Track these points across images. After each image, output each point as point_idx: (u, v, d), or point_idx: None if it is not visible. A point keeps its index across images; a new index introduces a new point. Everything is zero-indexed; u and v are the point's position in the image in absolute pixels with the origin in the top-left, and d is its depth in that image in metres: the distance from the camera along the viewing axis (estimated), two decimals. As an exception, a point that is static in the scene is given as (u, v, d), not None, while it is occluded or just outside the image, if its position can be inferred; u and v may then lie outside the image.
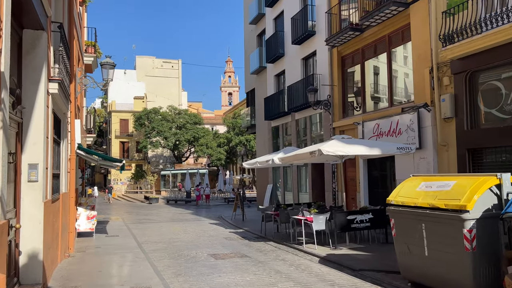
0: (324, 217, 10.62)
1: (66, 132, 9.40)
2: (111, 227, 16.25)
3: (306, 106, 19.11)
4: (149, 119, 53.59)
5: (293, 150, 13.66)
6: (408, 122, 12.70)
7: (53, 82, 6.75)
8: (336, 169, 16.95)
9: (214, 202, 36.50)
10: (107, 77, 13.07)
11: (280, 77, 23.53)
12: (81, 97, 15.97)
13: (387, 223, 11.02)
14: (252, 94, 27.88)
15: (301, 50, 20.27)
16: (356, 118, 15.54)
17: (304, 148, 10.68)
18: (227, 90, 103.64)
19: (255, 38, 26.92)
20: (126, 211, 27.20)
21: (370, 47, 15.31)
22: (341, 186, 16.74)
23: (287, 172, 22.33)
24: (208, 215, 22.71)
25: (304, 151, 10.09)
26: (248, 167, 14.66)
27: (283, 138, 22.75)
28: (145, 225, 17.59)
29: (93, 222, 12.66)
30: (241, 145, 50.08)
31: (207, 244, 11.90)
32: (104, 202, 38.12)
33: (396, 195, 7.18)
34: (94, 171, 78.60)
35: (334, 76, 17.22)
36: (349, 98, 16.91)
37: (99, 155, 11.03)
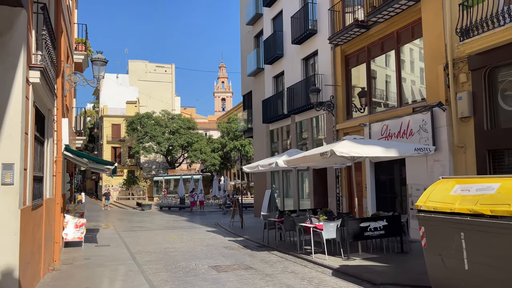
0: (335, 225, 9.75)
1: (51, 131, 8.47)
2: (102, 236, 15.23)
3: (307, 108, 18.32)
4: (142, 123, 52.50)
5: (297, 153, 12.82)
6: (420, 123, 11.93)
7: (34, 70, 5.84)
8: (340, 173, 16.13)
9: (209, 208, 35.50)
10: (98, 74, 12.16)
11: (279, 79, 22.74)
12: (70, 97, 15.01)
13: (401, 230, 10.21)
14: (248, 97, 27.05)
15: (301, 50, 19.50)
16: (362, 119, 14.75)
17: (314, 149, 9.84)
18: (220, 95, 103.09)
19: (252, 39, 26.14)
20: (117, 218, 26.11)
21: (377, 45, 14.56)
22: (346, 191, 15.97)
23: (287, 177, 21.47)
24: (204, 222, 21.74)
25: (313, 152, 9.25)
26: (248, 171, 13.78)
27: (282, 141, 21.91)
28: (138, 233, 16.59)
29: (82, 231, 11.67)
30: (235, 150, 49.15)
31: (207, 254, 10.96)
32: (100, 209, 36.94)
33: (426, 199, 6.34)
34: (85, 177, 77.18)
35: (337, 76, 16.44)
36: (353, 98, 16.13)
37: (89, 157, 10.10)
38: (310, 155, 9.32)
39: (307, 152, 9.74)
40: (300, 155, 10.02)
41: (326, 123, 17.21)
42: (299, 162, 9.89)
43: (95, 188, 65.18)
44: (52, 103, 8.01)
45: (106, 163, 10.54)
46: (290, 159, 10.44)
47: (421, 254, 10.03)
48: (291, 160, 10.35)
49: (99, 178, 59.08)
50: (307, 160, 9.53)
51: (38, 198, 7.15)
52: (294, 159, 10.12)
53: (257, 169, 12.99)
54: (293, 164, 10.50)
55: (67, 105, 13.75)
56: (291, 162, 10.35)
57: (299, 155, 9.96)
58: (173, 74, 67.01)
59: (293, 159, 10.22)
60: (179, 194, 39.48)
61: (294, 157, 10.36)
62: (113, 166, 10.23)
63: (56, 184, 8.99)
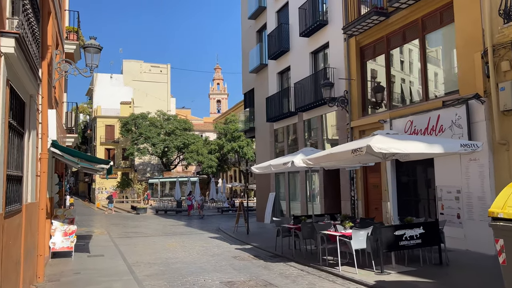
0: (365, 233, 8.44)
1: (34, 122, 7.09)
2: (95, 244, 13.80)
3: (317, 105, 17.05)
4: (137, 124, 50.97)
5: (312, 152, 11.51)
6: (453, 117, 10.67)
7: (7, 37, 4.49)
8: (355, 174, 14.84)
9: (207, 212, 34.05)
10: (92, 62, 10.78)
11: (284, 75, 21.45)
12: (60, 90, 13.61)
13: (439, 239, 8.92)
14: (250, 95, 25.72)
15: (310, 43, 18.23)
16: (381, 115, 13.48)
17: (341, 146, 8.53)
18: (215, 97, 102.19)
19: (254, 34, 24.85)
20: (112, 223, 24.62)
21: (398, 34, 13.31)
22: (362, 194, 14.69)
23: (293, 179, 20.15)
24: (204, 227, 20.35)
25: (342, 149, 7.94)
26: (258, 172, 12.44)
27: (288, 141, 20.59)
28: (134, 240, 15.17)
29: (72, 239, 10.26)
30: (233, 152, 47.76)
31: (215, 266, 9.60)
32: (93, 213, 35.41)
33: (503, 205, 5.04)
34: (78, 179, 75.34)
35: (351, 69, 15.18)
36: (370, 93, 14.87)
37: (80, 154, 8.72)
38: (338, 152, 8.00)
39: (334, 149, 8.42)
40: (324, 152, 8.70)
41: (339, 121, 15.93)
42: (323, 161, 8.58)
43: (88, 191, 63.44)
44: (34, 88, 6.64)
45: (99, 162, 9.15)
46: (312, 157, 9.11)
47: (463, 266, 8.77)
48: (314, 159, 9.03)
49: (92, 181, 57.42)
50: (334, 158, 8.23)
51: (15, 203, 5.76)
52: (317, 157, 8.80)
53: (268, 169, 11.66)
54: (316, 163, 9.18)
55: (57, 98, 12.36)
56: (314, 161, 9.03)
57: (324, 153, 8.64)
58: (168, 75, 65.59)
59: (315, 157, 8.90)
60: (175, 197, 38.06)
61: (316, 155, 9.03)
62: (108, 165, 8.86)
63: (40, 186, 7.61)
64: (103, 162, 9.04)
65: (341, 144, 8.86)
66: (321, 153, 8.84)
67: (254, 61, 23.97)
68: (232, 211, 33.39)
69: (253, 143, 47.72)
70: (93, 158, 9.50)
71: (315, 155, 9.23)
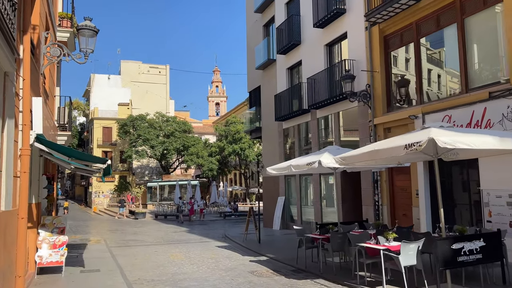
0: (416, 247, 6.98)
1: (12, 109, 5.62)
2: (90, 254, 12.28)
3: (333, 101, 15.64)
4: (135, 126, 49.41)
5: (338, 150, 10.07)
6: (504, 110, 9.26)
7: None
8: (379, 176, 13.40)
9: (208, 216, 32.58)
10: (86, 47, 9.34)
11: (294, 70, 20.04)
12: (52, 82, 12.13)
13: (502, 253, 7.46)
14: (256, 93, 24.28)
15: (324, 35, 16.82)
16: (411, 110, 12.04)
17: (389, 141, 7.06)
18: (214, 100, 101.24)
19: (261, 29, 23.44)
20: (109, 229, 23.08)
21: (430, 19, 11.89)
22: (387, 199, 13.24)
23: (306, 182, 18.70)
24: (209, 234, 18.83)
25: (391, 144, 6.48)
26: (274, 173, 10.95)
27: (299, 141, 19.13)
28: (134, 250, 13.65)
29: (62, 252, 8.75)
30: (234, 155, 46.29)
31: (231, 285, 8.12)
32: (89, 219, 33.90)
33: None
34: (74, 183, 73.65)
35: (374, 60, 13.76)
36: (395, 86, 13.45)
37: (71, 152, 7.23)
38: (386, 148, 6.54)
39: (379, 145, 6.94)
40: (364, 149, 7.22)
41: (359, 118, 14.50)
42: (364, 159, 7.13)
43: (84, 194, 61.77)
44: (10, 64, 5.17)
45: (95, 160, 7.63)
46: (348, 155, 7.65)
47: None
48: (350, 157, 7.56)
49: (88, 184, 55.80)
50: (379, 155, 6.78)
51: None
52: (356, 155, 7.34)
53: (288, 170, 10.18)
54: (352, 162, 7.72)
55: (46, 89, 10.89)
56: (350, 160, 7.56)
57: (364, 150, 7.17)
58: (167, 75, 64.17)
59: (353, 155, 7.44)
60: (175, 201, 36.52)
61: (354, 153, 7.56)
62: (105, 164, 7.36)
63: (20, 190, 6.13)
64: (99, 161, 7.55)
65: (383, 140, 7.43)
66: (361, 150, 7.37)
67: (260, 56, 22.56)
68: (235, 216, 31.90)
69: (255, 145, 46.39)
70: (88, 157, 8.00)
71: (351, 153, 7.77)
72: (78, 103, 22.50)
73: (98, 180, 51.83)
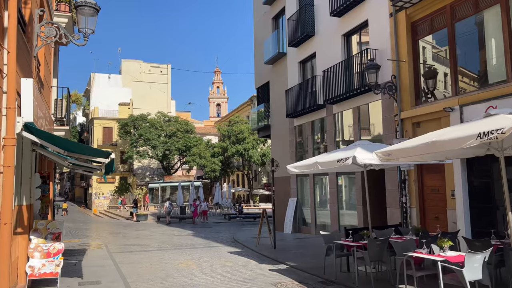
0: (482, 258, 5.79)
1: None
2: (90, 262, 11.10)
3: (352, 95, 14.49)
4: (136, 126, 48.22)
5: (370, 145, 8.90)
6: None
7: None
8: (407, 176, 12.21)
9: (212, 219, 31.41)
10: (86, 27, 8.16)
11: (307, 64, 18.88)
12: (48, 70, 10.95)
13: None
14: (264, 89, 23.11)
15: (342, 24, 15.67)
16: (446, 102, 10.85)
17: (449, 129, 5.86)
18: (215, 101, 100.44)
19: (270, 22, 22.30)
20: (110, 232, 21.88)
21: (467, 2, 10.73)
22: (416, 200, 12.05)
23: (320, 182, 17.51)
24: (217, 238, 17.63)
25: (460, 133, 5.29)
26: (296, 171, 9.77)
27: (313, 138, 17.95)
28: (138, 257, 12.45)
29: (58, 262, 7.57)
30: (238, 155, 45.06)
31: (254, 301, 6.93)
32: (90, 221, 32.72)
33: None
34: (74, 184, 72.36)
35: (400, 49, 12.60)
36: (424, 77, 12.28)
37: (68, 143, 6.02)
38: (450, 139, 5.36)
39: (435, 135, 5.74)
40: (417, 141, 6.02)
41: (383, 112, 13.33)
42: (417, 153, 5.94)
43: (84, 196, 60.53)
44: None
45: (96, 154, 6.37)
46: (395, 149, 6.47)
47: None
48: (397, 152, 6.37)
49: (88, 185, 54.58)
50: (437, 148, 5.60)
51: None
52: (407, 148, 6.13)
53: (313, 168, 9.00)
54: (401, 157, 6.53)
55: (41, 77, 9.72)
56: (397, 154, 6.37)
57: (417, 142, 5.96)
58: (169, 75, 63.01)
59: (403, 149, 6.24)
60: (177, 203, 35.35)
61: (403, 145, 6.36)
62: (108, 158, 6.16)
63: (3, 189, 4.97)
64: (101, 155, 6.32)
65: (440, 130, 6.26)
66: (413, 142, 6.16)
67: (269, 50, 21.42)
68: (240, 218, 30.73)
69: (258, 145, 45.17)
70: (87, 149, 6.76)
71: (398, 146, 6.57)
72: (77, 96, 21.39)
73: (98, 181, 50.72)
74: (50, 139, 5.98)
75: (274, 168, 13.77)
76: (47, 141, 5.92)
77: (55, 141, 6.08)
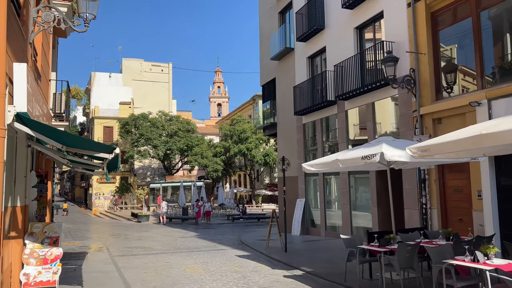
0: (538, 267, 5.07)
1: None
2: (91, 267, 10.39)
3: (367, 90, 13.77)
4: (137, 125, 47.50)
5: (394, 142, 8.20)
6: None
7: None
8: (427, 175, 11.50)
9: (215, 220, 30.69)
10: (87, 11, 7.50)
11: (316, 59, 18.18)
12: (46, 62, 10.25)
13: None
14: (270, 86, 22.39)
15: (354, 16, 14.97)
16: (472, 96, 10.14)
17: (506, 119, 5.17)
18: (216, 101, 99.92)
19: (276, 16, 21.58)
20: (111, 234, 21.17)
21: (495, -12, 10.02)
22: (438, 201, 11.34)
23: (331, 183, 16.79)
24: (222, 240, 16.91)
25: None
26: (313, 170, 9.05)
27: (322, 137, 17.24)
28: (142, 261, 11.74)
29: (55, 269, 6.86)
30: (240, 155, 44.35)
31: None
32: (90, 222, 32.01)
33: None
34: (74, 184, 71.62)
35: (419, 41, 11.90)
36: (445, 70, 11.58)
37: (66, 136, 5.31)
38: (503, 131, 4.67)
39: (484, 127, 5.04)
40: (463, 134, 5.30)
41: (400, 108, 12.62)
42: (463, 148, 5.23)
43: (84, 196, 59.81)
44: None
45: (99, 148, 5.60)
46: (435, 143, 5.74)
47: None
48: (437, 146, 5.66)
49: (89, 185, 53.87)
50: (487, 142, 4.90)
51: None
52: (450, 142, 5.42)
53: (333, 166, 8.29)
54: (440, 152, 5.82)
55: (39, 68, 9.01)
56: (437, 149, 5.66)
57: (464, 135, 5.25)
58: (170, 74, 62.28)
59: (444, 143, 5.54)
60: (179, 203, 34.65)
61: (444, 139, 5.65)
62: (112, 153, 5.43)
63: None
64: (104, 149, 5.58)
65: (487, 122, 5.56)
66: (455, 135, 5.44)
67: (276, 46, 20.71)
68: (243, 219, 30.02)
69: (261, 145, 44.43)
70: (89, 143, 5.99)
71: (437, 140, 5.86)
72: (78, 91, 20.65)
73: (99, 181, 50.01)
74: (46, 131, 5.27)
75: (285, 167, 13.06)
76: (42, 133, 5.22)
77: (51, 134, 5.38)
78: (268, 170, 50.16)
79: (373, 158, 7.19)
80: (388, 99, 13.39)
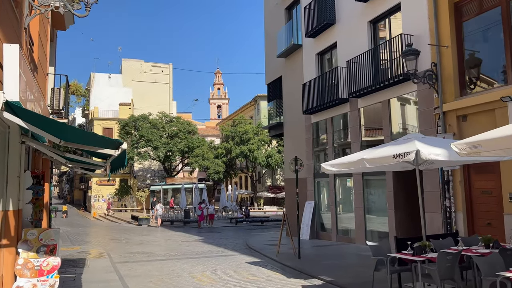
0: None
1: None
2: (91, 276, 9.62)
3: (383, 86, 13.05)
4: (137, 127, 46.72)
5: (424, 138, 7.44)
6: None
7: None
8: (452, 176, 10.76)
9: (218, 223, 29.91)
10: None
11: (325, 55, 17.46)
12: (42, 54, 9.49)
13: None
14: (276, 85, 21.65)
15: (368, 9, 14.26)
16: (503, 90, 9.42)
17: None
18: (216, 102, 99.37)
19: (283, 13, 20.86)
20: (111, 238, 20.38)
21: (527, -25, 9.32)
22: (463, 204, 10.59)
23: (341, 184, 16.04)
24: (229, 245, 16.13)
25: None
26: (335, 170, 8.29)
27: (333, 137, 16.49)
28: (145, 268, 10.96)
29: (52, 282, 6.10)
30: (242, 156, 43.60)
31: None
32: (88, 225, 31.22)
33: None
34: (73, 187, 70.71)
35: (441, 34, 11.18)
36: (469, 64, 10.85)
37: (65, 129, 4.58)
38: None
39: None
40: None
41: (420, 104, 11.89)
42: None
43: (83, 199, 58.94)
44: None
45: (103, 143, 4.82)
46: (485, 139, 5.02)
47: None
48: (488, 142, 4.94)
49: (87, 188, 53.03)
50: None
51: None
52: (506, 137, 4.72)
53: (359, 165, 7.54)
54: (491, 149, 5.10)
55: (35, 60, 8.26)
56: (489, 146, 4.95)
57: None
58: (170, 75, 61.56)
59: (501, 137, 4.82)
60: (181, 206, 33.90)
61: (498, 134, 4.94)
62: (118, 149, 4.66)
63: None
64: (110, 145, 4.77)
65: None
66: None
67: (283, 43, 19.99)
68: (247, 222, 29.27)
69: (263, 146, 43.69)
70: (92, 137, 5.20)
71: (490, 134, 5.12)
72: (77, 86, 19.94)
73: (98, 184, 49.22)
74: (41, 123, 4.52)
75: (298, 167, 12.32)
76: (37, 125, 4.46)
77: (48, 126, 4.62)
78: (270, 172, 49.43)
79: (407, 157, 6.45)
80: (405, 96, 12.67)
